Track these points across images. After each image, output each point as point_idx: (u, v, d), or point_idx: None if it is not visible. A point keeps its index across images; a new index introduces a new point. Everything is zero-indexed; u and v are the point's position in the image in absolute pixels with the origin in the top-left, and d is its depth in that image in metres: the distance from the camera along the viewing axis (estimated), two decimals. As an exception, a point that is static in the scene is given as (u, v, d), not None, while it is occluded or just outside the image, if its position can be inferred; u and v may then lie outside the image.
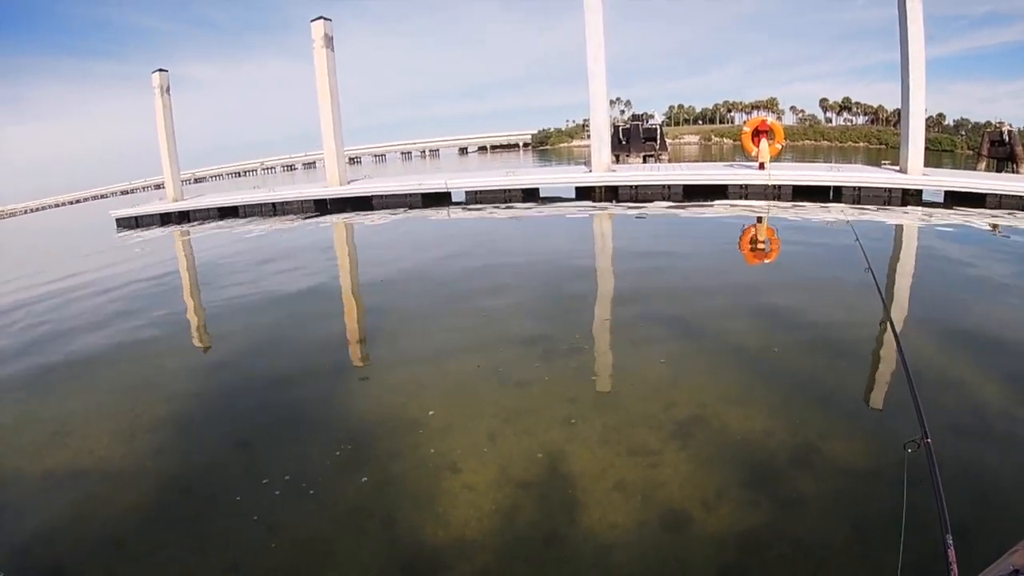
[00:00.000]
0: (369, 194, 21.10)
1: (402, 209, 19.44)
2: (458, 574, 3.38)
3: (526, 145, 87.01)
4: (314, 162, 70.83)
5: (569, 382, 5.70)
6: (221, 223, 20.66)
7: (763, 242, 12.91)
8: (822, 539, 3.56)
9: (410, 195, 20.50)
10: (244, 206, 22.23)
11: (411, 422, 5.03)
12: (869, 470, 4.09)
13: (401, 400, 5.46)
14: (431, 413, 5.15)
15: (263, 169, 77.70)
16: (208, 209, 22.42)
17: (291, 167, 79.09)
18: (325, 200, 21.39)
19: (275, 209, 21.72)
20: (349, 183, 22.52)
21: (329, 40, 21.19)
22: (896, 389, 5.34)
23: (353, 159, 72.27)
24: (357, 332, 8.03)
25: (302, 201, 21.71)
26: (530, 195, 19.63)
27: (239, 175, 74.92)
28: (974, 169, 26.87)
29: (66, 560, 3.77)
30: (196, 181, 62.81)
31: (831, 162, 24.40)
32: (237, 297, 9.63)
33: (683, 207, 16.95)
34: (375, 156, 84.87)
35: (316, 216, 20.15)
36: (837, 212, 15.43)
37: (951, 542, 1.66)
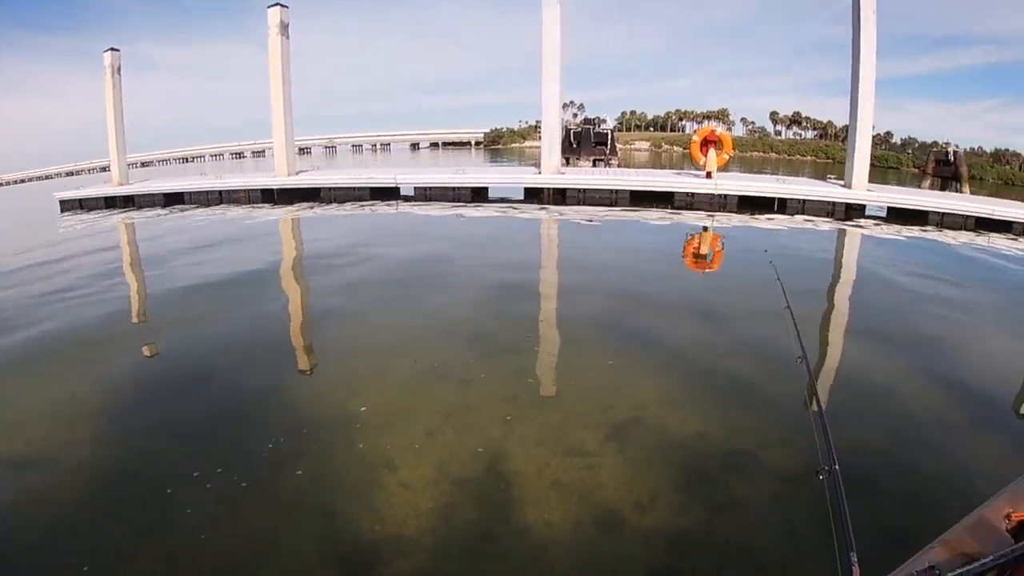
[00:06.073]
0: (317, 186, 20.77)
1: (350, 202, 19.14)
2: (394, 570, 3.34)
3: (478, 143, 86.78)
4: (264, 151, 69.23)
5: (508, 381, 5.67)
6: (162, 211, 19.83)
7: (707, 251, 13.14)
8: (753, 545, 3.61)
9: (359, 188, 20.28)
10: (190, 193, 21.56)
11: (350, 417, 4.92)
12: (801, 478, 4.14)
13: (341, 396, 5.33)
14: (368, 408, 5.05)
15: (211, 156, 75.80)
16: (153, 195, 21.61)
17: (240, 155, 77.23)
18: (272, 190, 20.96)
19: (221, 197, 21.17)
20: (298, 174, 22.12)
21: (285, 27, 20.79)
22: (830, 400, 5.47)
23: (303, 149, 71.26)
24: (300, 328, 7.81)
25: (249, 190, 21.19)
26: (479, 194, 19.66)
27: (186, 161, 72.98)
28: (918, 187, 28.04)
29: (6, 547, 3.62)
30: (143, 165, 60.84)
31: (778, 174, 25.10)
32: (181, 288, 9.24)
33: (632, 212, 17.15)
34: (326, 147, 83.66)
35: (264, 206, 19.68)
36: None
37: (855, 559, 1.84)
